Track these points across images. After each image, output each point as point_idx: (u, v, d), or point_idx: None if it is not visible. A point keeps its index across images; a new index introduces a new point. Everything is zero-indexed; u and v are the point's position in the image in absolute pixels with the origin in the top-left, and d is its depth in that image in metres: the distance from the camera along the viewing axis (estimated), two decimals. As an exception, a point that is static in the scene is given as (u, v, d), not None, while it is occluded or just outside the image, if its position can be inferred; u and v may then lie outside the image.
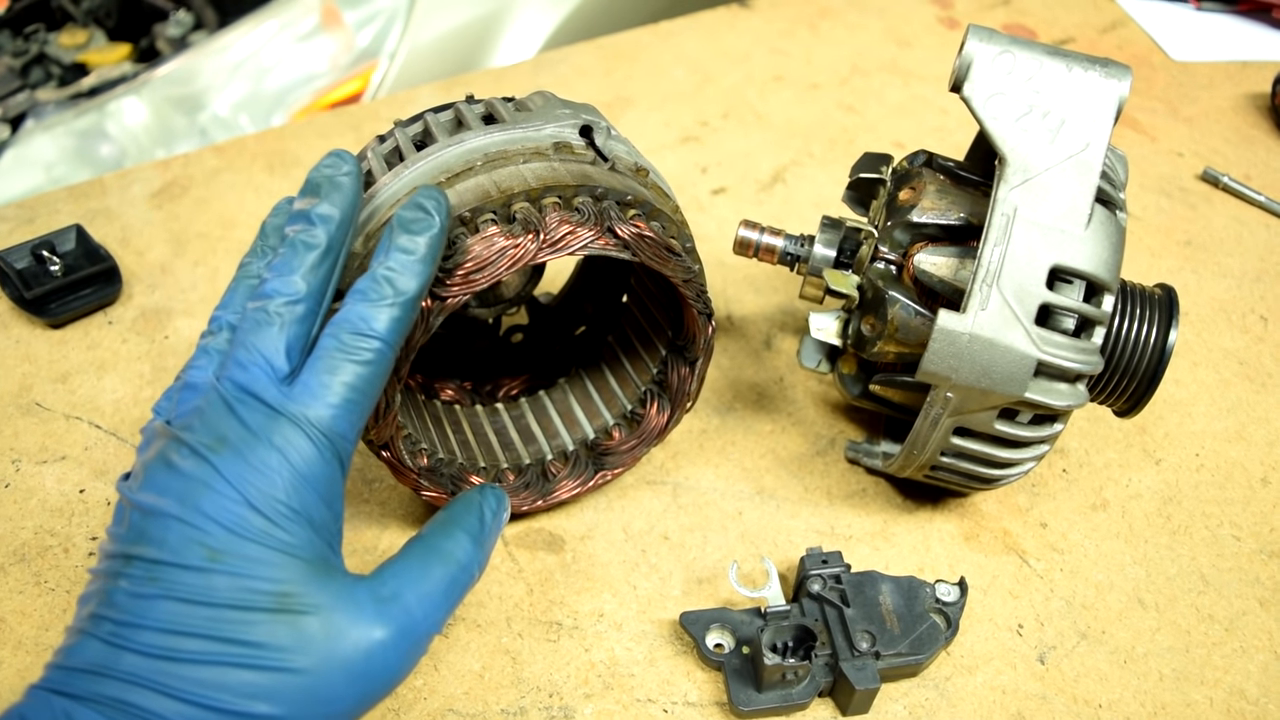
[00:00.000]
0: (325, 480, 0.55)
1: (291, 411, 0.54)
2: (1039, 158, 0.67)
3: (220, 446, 0.53)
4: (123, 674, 0.50)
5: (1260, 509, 0.89)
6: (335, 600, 0.54)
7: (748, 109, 1.30)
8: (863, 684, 0.70)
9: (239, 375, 0.55)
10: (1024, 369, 0.66)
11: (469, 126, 0.68)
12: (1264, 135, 1.36)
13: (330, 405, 0.55)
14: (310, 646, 0.52)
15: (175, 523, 0.53)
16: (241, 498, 0.53)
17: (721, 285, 1.04)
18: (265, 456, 0.53)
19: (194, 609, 0.51)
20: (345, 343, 0.56)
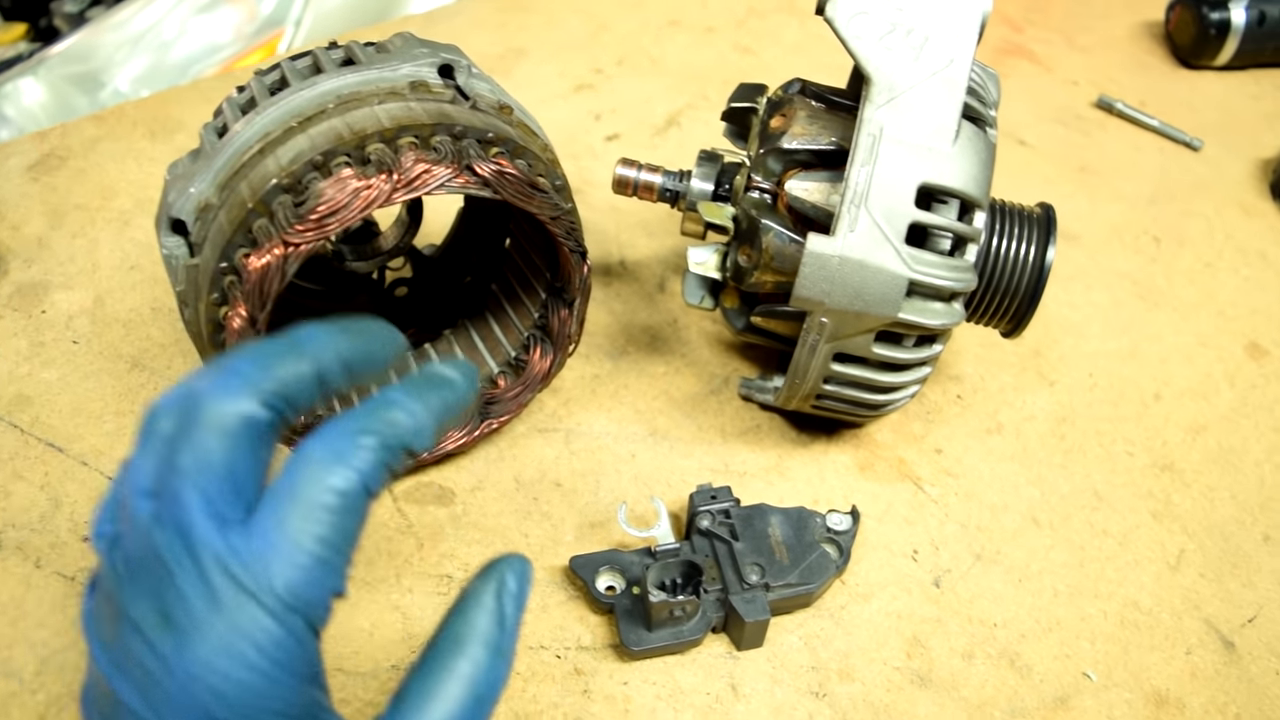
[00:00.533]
0: (299, 661, 0.42)
1: (247, 581, 0.40)
2: (904, 76, 0.66)
3: (166, 629, 0.40)
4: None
5: (1153, 424, 0.90)
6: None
7: (643, 55, 1.28)
8: (752, 616, 0.69)
9: (173, 511, 0.41)
10: (896, 289, 0.65)
11: (325, 71, 0.66)
12: (1159, 62, 1.37)
13: (297, 574, 0.41)
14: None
15: (139, 702, 0.40)
16: (204, 700, 0.40)
17: (615, 231, 1.03)
18: (222, 644, 0.40)
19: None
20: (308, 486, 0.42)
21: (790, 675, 0.71)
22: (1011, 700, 0.71)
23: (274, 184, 0.60)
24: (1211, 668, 0.74)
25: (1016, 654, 0.74)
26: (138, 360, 0.86)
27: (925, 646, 0.74)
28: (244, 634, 0.40)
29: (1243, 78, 1.35)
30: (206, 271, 0.62)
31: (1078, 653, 0.74)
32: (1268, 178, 1.19)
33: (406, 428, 0.44)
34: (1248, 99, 1.32)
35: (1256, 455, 0.89)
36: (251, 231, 0.60)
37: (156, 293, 0.92)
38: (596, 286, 0.97)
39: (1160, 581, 0.79)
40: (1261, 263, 1.08)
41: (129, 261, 0.95)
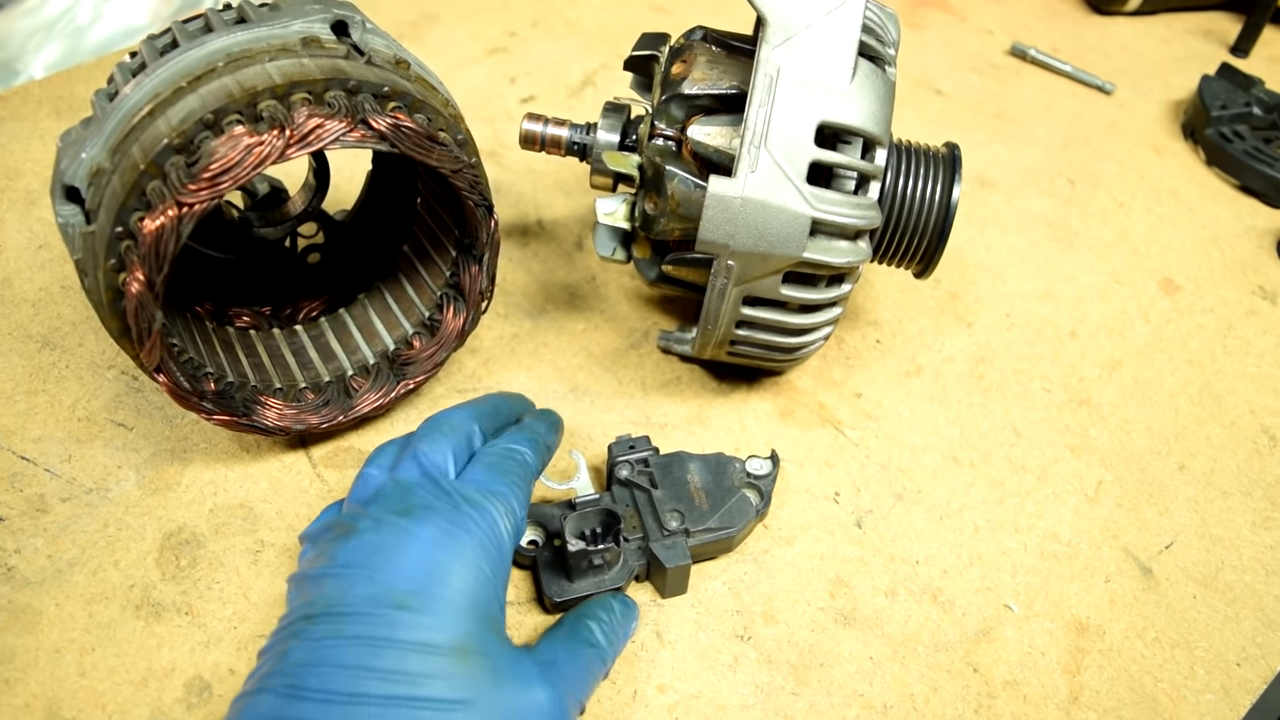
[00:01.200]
0: (498, 553, 0.59)
1: (468, 491, 0.60)
2: (798, 15, 0.66)
3: (404, 516, 0.58)
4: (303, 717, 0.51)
5: (1069, 360, 0.91)
6: (505, 657, 0.56)
7: (557, 17, 1.27)
8: (673, 561, 0.70)
9: (416, 466, 0.62)
10: (799, 228, 0.66)
11: (215, 30, 0.65)
12: (1070, 8, 1.39)
13: (499, 492, 0.61)
14: (483, 694, 0.54)
15: (362, 580, 0.55)
16: (426, 558, 0.56)
17: (531, 191, 1.02)
18: (455, 523, 0.58)
19: (378, 653, 0.53)
20: (503, 458, 0.64)
21: (714, 620, 0.71)
22: (935, 634, 0.72)
23: (165, 144, 0.59)
24: (1130, 594, 0.76)
25: (939, 589, 0.75)
26: (48, 339, 0.85)
27: (848, 586, 0.74)
28: (465, 522, 0.58)
29: (1153, 22, 1.37)
30: (102, 238, 0.61)
31: (999, 586, 0.75)
32: (1179, 119, 1.21)
33: (549, 437, 0.71)
34: (1158, 43, 1.34)
35: (1171, 387, 0.90)
36: (145, 194, 0.59)
37: (65, 271, 0.90)
38: (514, 247, 0.96)
39: (1079, 513, 0.80)
40: (1174, 201, 1.10)
41: (36, 241, 0.93)
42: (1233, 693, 0.71)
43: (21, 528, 0.72)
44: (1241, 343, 0.95)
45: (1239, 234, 1.06)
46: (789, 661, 0.70)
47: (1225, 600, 0.76)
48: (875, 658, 0.70)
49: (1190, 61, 1.30)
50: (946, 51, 1.28)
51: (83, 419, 0.79)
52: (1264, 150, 1.11)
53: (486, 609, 0.57)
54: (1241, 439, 0.87)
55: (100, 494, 0.75)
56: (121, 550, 0.72)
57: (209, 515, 0.74)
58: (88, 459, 0.77)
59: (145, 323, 0.62)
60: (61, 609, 0.68)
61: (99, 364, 0.83)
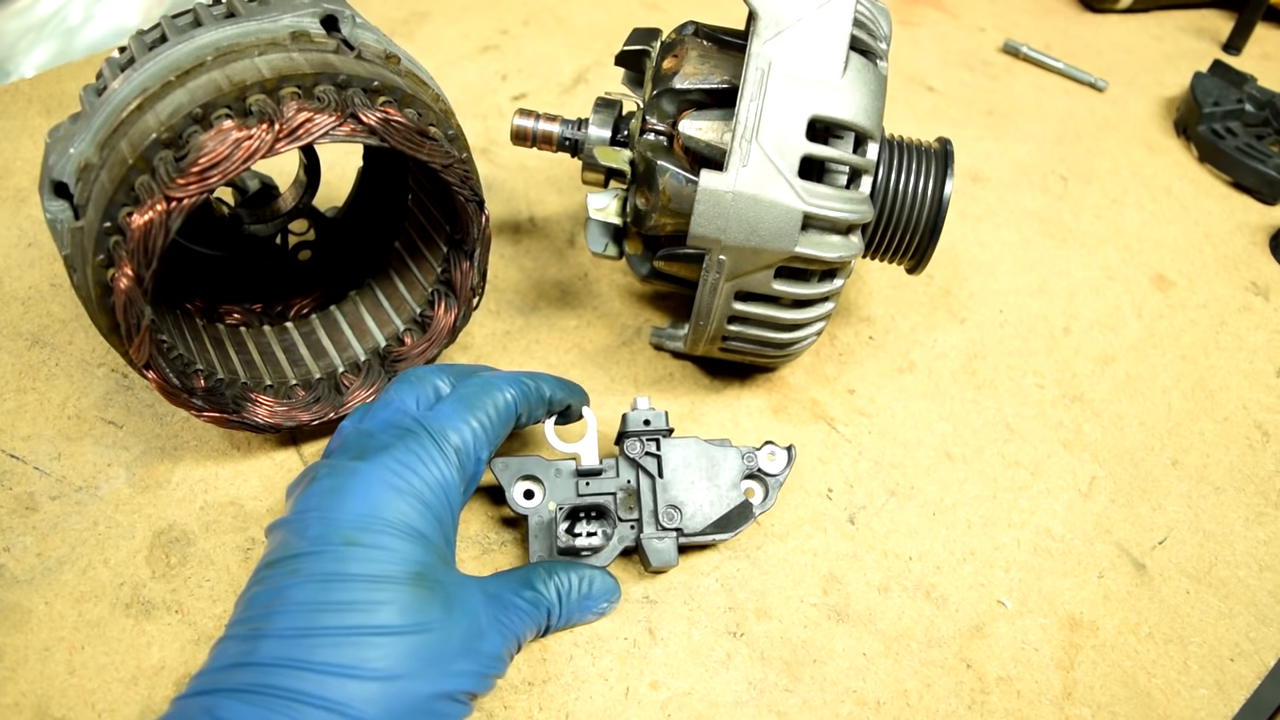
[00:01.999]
0: (450, 486, 0.61)
1: (426, 425, 0.62)
2: (790, 9, 0.66)
3: (360, 458, 0.60)
4: (263, 660, 0.52)
5: (1062, 356, 0.91)
6: (455, 585, 0.59)
7: (549, 14, 1.27)
8: (658, 561, 0.70)
9: (380, 412, 0.65)
10: (791, 223, 0.65)
11: (204, 25, 0.65)
12: (1064, 5, 1.39)
13: (459, 428, 0.63)
14: (436, 620, 0.56)
15: (315, 520, 0.57)
16: (376, 494, 0.58)
17: (524, 188, 1.02)
18: (401, 459, 0.60)
19: (330, 587, 0.55)
20: (477, 391, 0.66)
21: (707, 617, 0.71)
22: (928, 630, 0.72)
23: (154, 139, 0.58)
24: (1123, 589, 0.76)
25: (932, 585, 0.75)
26: (38, 337, 0.84)
27: (841, 582, 0.74)
28: (419, 455, 0.60)
29: (1145, 20, 1.37)
30: (91, 233, 0.60)
31: (992, 581, 0.75)
32: (1171, 115, 1.21)
33: (556, 392, 0.71)
34: (1150, 40, 1.34)
35: (1164, 383, 0.90)
36: (134, 189, 0.59)
37: (55, 269, 0.90)
38: (506, 243, 0.96)
39: (1072, 509, 0.80)
40: (1166, 197, 1.10)
41: (26, 239, 0.92)
42: (1226, 688, 0.71)
43: (11, 526, 0.72)
44: (1234, 338, 0.95)
45: (1231, 230, 1.06)
46: (782, 658, 0.69)
47: (1219, 595, 0.76)
48: (868, 654, 0.70)
49: (1183, 58, 1.30)
50: (939, 48, 1.28)
51: (72, 417, 0.79)
52: (1256, 147, 1.11)
53: (433, 539, 0.59)
54: (1234, 434, 0.87)
55: (90, 492, 0.74)
56: (111, 548, 0.71)
57: (199, 513, 0.74)
58: (77, 457, 0.76)
59: (134, 318, 0.61)
60: (51, 607, 0.68)
61: (89, 362, 0.82)
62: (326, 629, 0.53)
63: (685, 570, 0.73)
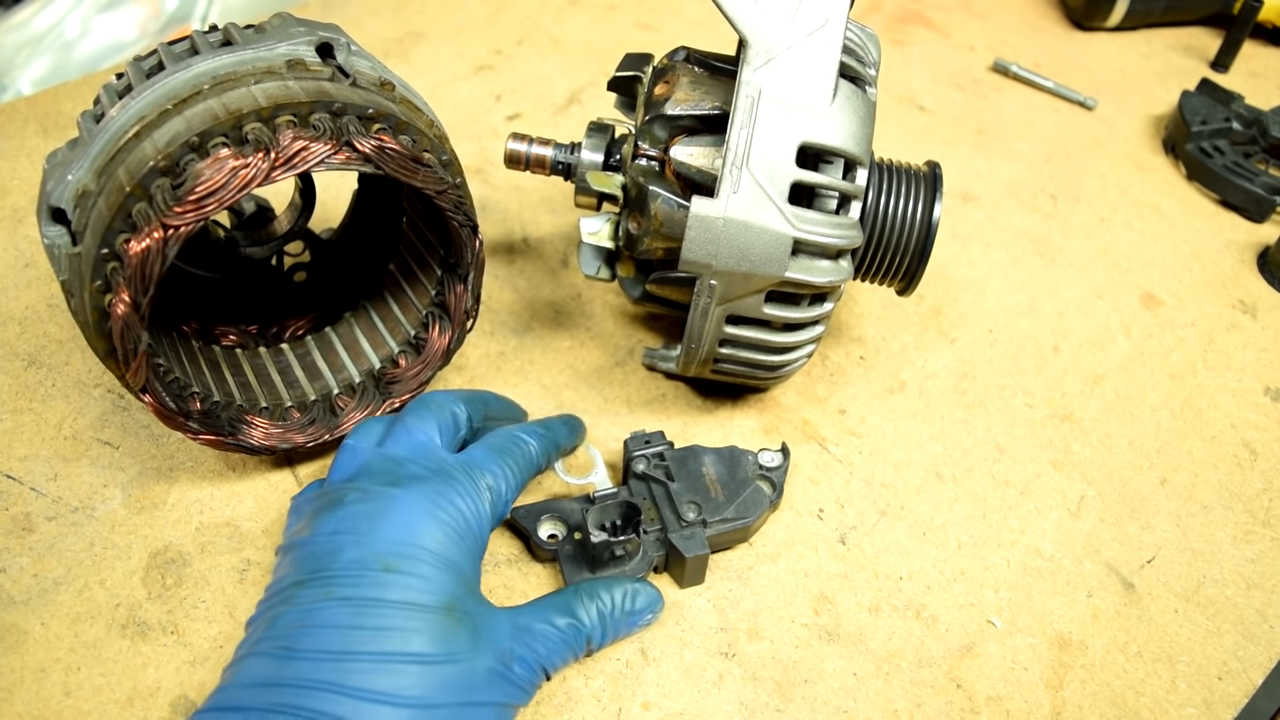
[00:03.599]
0: (482, 523, 0.64)
1: (465, 465, 0.65)
2: (779, 37, 0.67)
3: (396, 484, 0.62)
4: (295, 681, 0.53)
5: (1052, 376, 0.92)
6: (484, 616, 0.60)
7: (543, 34, 1.28)
8: (692, 551, 0.71)
9: (405, 440, 0.67)
10: (781, 248, 0.66)
11: (201, 53, 0.66)
12: (1053, 25, 1.40)
13: (494, 471, 0.66)
14: (463, 651, 0.57)
15: (350, 545, 0.59)
16: (415, 522, 0.60)
17: (517, 209, 1.03)
18: (440, 492, 0.62)
19: (367, 612, 0.56)
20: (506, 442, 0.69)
21: (699, 637, 0.72)
22: (918, 650, 0.73)
23: (151, 167, 0.59)
24: (1112, 609, 0.76)
25: (922, 605, 0.75)
26: (34, 358, 0.85)
27: (832, 602, 0.75)
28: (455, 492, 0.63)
29: (1133, 38, 1.38)
30: (88, 259, 0.61)
31: (982, 601, 0.76)
32: (1160, 134, 1.22)
33: (564, 437, 0.75)
34: (1139, 58, 1.35)
35: (1153, 402, 0.91)
36: (131, 216, 0.60)
37: (52, 290, 0.90)
38: (500, 264, 0.97)
39: (1061, 528, 0.81)
40: (1155, 216, 1.11)
41: (23, 259, 0.93)
42: (1214, 706, 0.71)
43: (7, 546, 0.72)
44: (1222, 357, 0.96)
45: (1219, 248, 1.07)
46: (773, 678, 0.70)
47: (1207, 614, 0.76)
48: (859, 674, 0.71)
49: (1171, 77, 1.31)
50: (930, 68, 1.29)
51: (69, 438, 0.79)
52: (1244, 165, 1.12)
53: (466, 572, 0.61)
54: (1223, 453, 0.87)
55: (86, 513, 0.75)
56: (107, 569, 0.72)
57: (195, 534, 0.74)
58: (74, 478, 0.77)
59: (131, 344, 0.62)
60: (47, 628, 0.69)
61: (85, 383, 0.83)
62: (362, 654, 0.54)
63: (677, 592, 0.74)
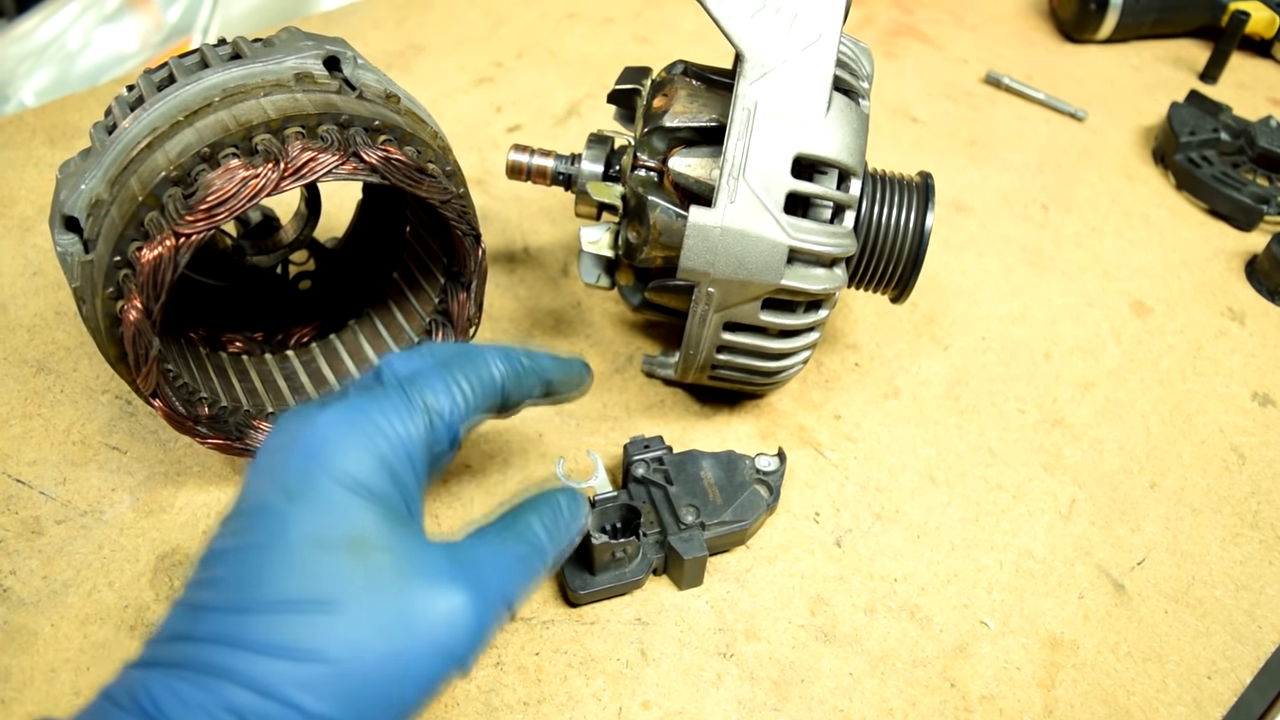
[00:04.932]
0: (413, 444, 0.54)
1: (397, 379, 0.56)
2: (775, 52, 0.68)
3: (320, 409, 0.53)
4: (201, 635, 0.48)
5: (1043, 382, 0.94)
6: (412, 552, 0.51)
7: (542, 47, 1.30)
8: (690, 553, 0.73)
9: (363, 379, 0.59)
10: (777, 257, 0.68)
11: (211, 66, 0.67)
12: (1044, 37, 1.42)
13: (433, 386, 0.56)
14: (383, 593, 0.49)
15: (263, 474, 0.51)
16: (322, 442, 0.51)
17: (518, 219, 1.04)
18: (359, 407, 0.53)
19: (268, 556, 0.48)
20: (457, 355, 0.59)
21: (697, 638, 0.73)
22: (913, 650, 0.74)
23: (163, 176, 0.61)
24: (1103, 610, 0.78)
25: (916, 606, 0.77)
26: (43, 364, 0.86)
27: (828, 604, 0.76)
28: (375, 405, 0.53)
29: (1124, 50, 1.40)
30: (101, 266, 0.62)
31: (975, 602, 0.77)
32: (1149, 144, 1.24)
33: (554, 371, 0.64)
34: (1129, 70, 1.37)
35: (1142, 407, 0.93)
36: (143, 224, 0.61)
37: (60, 297, 0.92)
38: (502, 273, 0.98)
39: (1053, 531, 0.82)
40: (1145, 225, 1.12)
41: (31, 267, 0.95)
42: (1204, 705, 0.73)
43: (17, 550, 0.74)
44: (1211, 363, 0.97)
45: (1208, 256, 1.09)
46: (770, 678, 0.71)
47: (1196, 615, 0.78)
48: (855, 674, 0.72)
49: (1160, 88, 1.33)
50: (923, 80, 1.31)
51: (77, 442, 0.81)
52: (1231, 175, 1.14)
53: (388, 498, 0.52)
54: (1211, 457, 0.89)
55: (95, 516, 0.76)
56: (116, 571, 0.73)
57: (202, 537, 0.76)
58: (82, 482, 0.78)
59: (142, 349, 0.64)
60: (57, 630, 0.70)
61: (93, 388, 0.84)
62: (259, 603, 0.47)
63: (676, 593, 0.75)
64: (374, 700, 0.48)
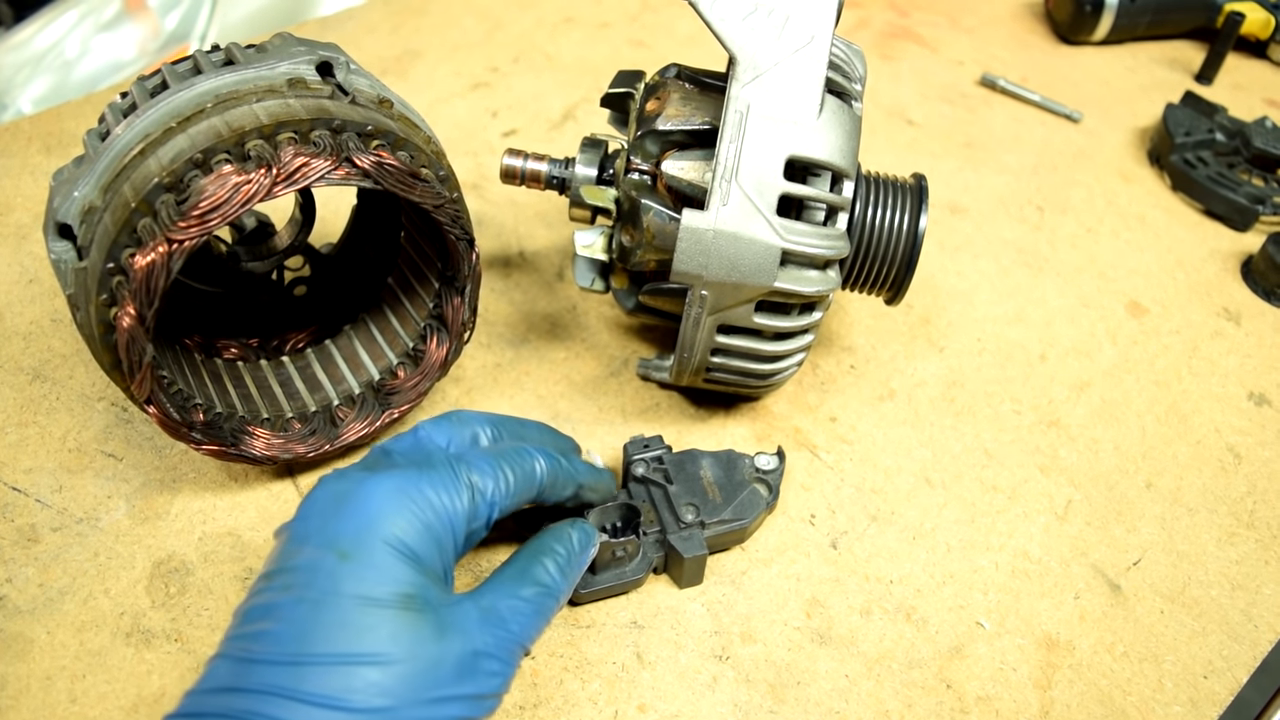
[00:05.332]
0: (457, 517, 0.59)
1: (449, 457, 0.61)
2: (767, 54, 0.68)
3: (371, 470, 0.59)
4: (253, 687, 0.51)
5: (1039, 383, 0.94)
6: (447, 607, 0.57)
7: (538, 52, 1.30)
8: (690, 552, 0.73)
9: (409, 437, 0.65)
10: (770, 259, 0.68)
11: (204, 72, 0.67)
12: (1039, 39, 1.42)
13: (482, 469, 0.62)
14: (425, 646, 0.54)
15: (315, 531, 0.56)
16: (376, 508, 0.56)
17: (513, 223, 1.05)
18: (411, 479, 0.58)
19: (322, 611, 0.53)
20: (510, 449, 0.65)
21: (693, 641, 0.73)
22: (909, 652, 0.74)
23: (156, 183, 0.61)
24: (1099, 610, 0.77)
25: (912, 608, 0.77)
26: (39, 372, 0.86)
27: (824, 606, 0.76)
28: (423, 478, 0.59)
29: (1119, 52, 1.41)
30: (94, 273, 0.63)
31: (971, 603, 0.77)
32: (1145, 145, 1.24)
33: (585, 476, 0.70)
34: (1124, 72, 1.37)
35: (1138, 407, 0.93)
36: (136, 231, 0.61)
37: (56, 305, 0.92)
38: (497, 277, 0.99)
39: (1049, 532, 0.82)
40: (1140, 225, 1.12)
41: (27, 275, 0.95)
42: (1200, 705, 0.72)
43: (13, 557, 0.74)
44: (1207, 363, 0.97)
45: (1204, 257, 1.09)
46: (766, 680, 0.71)
47: (1192, 615, 0.78)
48: (851, 675, 0.72)
49: (1155, 90, 1.33)
50: (918, 82, 1.31)
51: (73, 450, 0.81)
52: (1227, 175, 1.14)
53: (430, 564, 0.57)
54: (1207, 457, 0.89)
55: (90, 523, 0.76)
56: (112, 578, 0.73)
57: (198, 543, 0.76)
58: (78, 489, 0.78)
59: (136, 356, 0.64)
60: (53, 637, 0.70)
61: (89, 396, 0.85)
62: (315, 656, 0.52)
63: (672, 596, 0.75)
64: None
